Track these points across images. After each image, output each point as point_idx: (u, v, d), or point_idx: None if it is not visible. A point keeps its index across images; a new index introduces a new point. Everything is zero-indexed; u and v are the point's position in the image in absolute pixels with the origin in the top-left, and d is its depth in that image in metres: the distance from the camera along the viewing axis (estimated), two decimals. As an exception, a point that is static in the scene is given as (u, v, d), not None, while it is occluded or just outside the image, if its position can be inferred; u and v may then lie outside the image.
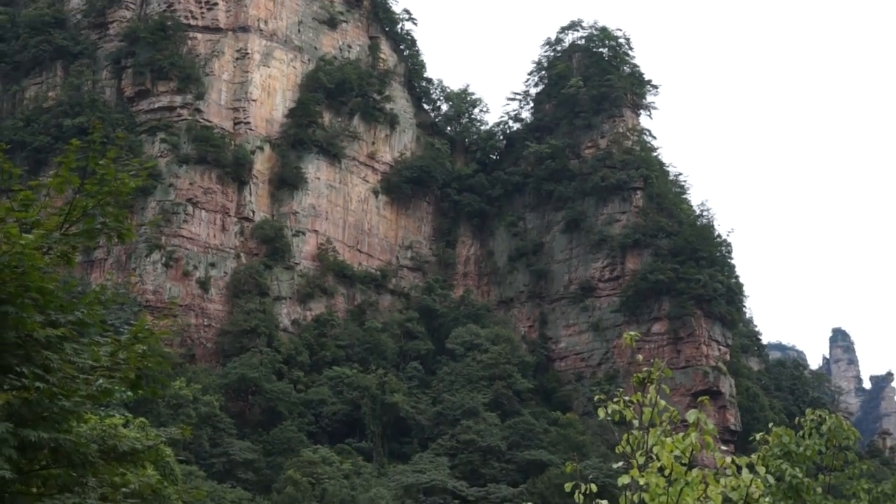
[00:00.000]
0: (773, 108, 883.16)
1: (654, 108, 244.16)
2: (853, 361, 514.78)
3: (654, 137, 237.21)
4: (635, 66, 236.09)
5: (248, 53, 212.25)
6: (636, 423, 16.19)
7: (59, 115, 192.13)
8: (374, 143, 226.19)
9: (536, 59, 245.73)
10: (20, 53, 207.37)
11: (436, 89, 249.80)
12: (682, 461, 15.96)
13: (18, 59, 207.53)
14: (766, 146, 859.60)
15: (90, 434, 17.33)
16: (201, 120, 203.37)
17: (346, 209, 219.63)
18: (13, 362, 15.69)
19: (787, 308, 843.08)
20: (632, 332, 17.30)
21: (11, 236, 15.64)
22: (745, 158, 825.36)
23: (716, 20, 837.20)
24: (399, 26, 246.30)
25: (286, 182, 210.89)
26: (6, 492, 15.13)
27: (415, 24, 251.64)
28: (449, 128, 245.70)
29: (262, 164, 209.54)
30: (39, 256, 16.02)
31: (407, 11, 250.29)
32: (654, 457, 15.83)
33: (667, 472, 15.71)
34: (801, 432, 26.04)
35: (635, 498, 15.82)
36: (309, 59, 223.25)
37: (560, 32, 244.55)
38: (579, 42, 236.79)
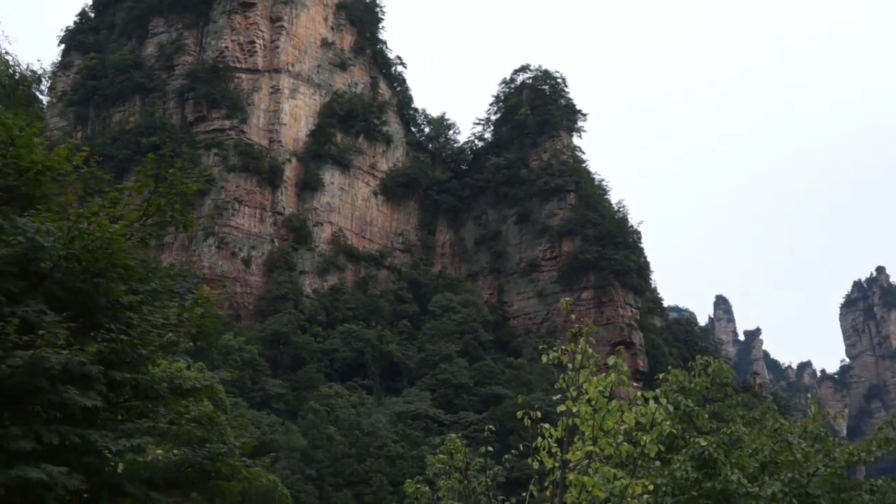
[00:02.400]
0: (673, 126, 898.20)
1: (584, 131, 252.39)
2: (731, 320, 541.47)
3: (583, 152, 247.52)
4: (569, 98, 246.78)
5: (279, 89, 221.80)
6: (570, 366, 17.84)
7: (137, 134, 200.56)
8: (374, 157, 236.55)
9: (495, 94, 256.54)
10: (108, 88, 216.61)
11: (420, 116, 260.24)
12: (605, 394, 17.54)
13: (107, 92, 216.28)
14: (669, 157, 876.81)
15: (161, 375, 17.97)
16: (244, 139, 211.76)
17: (353, 206, 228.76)
18: (104, 320, 16.66)
19: (682, 280, 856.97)
20: (567, 298, 21.06)
21: (102, 226, 16.43)
22: (652, 165, 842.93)
23: (625, 63, 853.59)
24: (393, 69, 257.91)
25: (308, 185, 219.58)
26: (98, 418, 15.93)
27: (405, 67, 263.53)
28: (430, 145, 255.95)
29: (290, 172, 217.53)
30: (124, 241, 16.86)
31: (399, 58, 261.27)
32: (584, 391, 17.45)
33: (593, 403, 17.42)
34: (692, 373, 28.02)
35: (569, 422, 17.55)
36: (325, 94, 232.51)
37: (513, 73, 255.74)
38: (527, 81, 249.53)
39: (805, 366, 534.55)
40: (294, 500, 70.75)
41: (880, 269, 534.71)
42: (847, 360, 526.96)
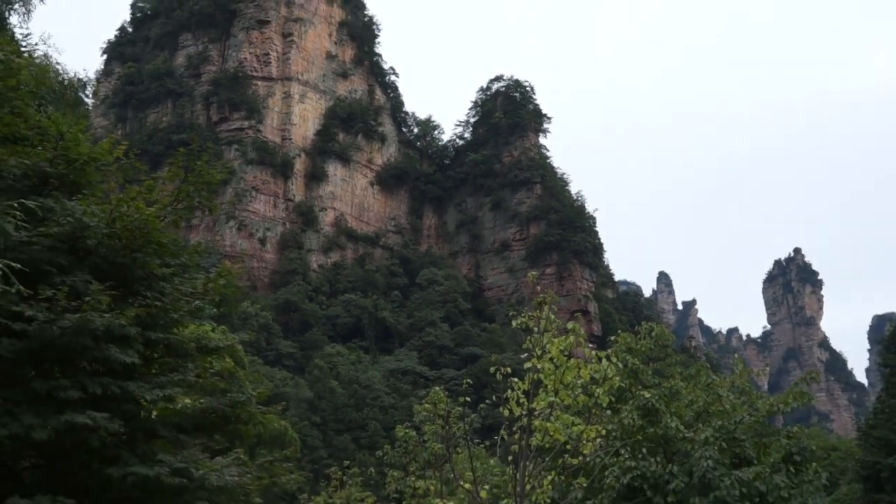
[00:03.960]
0: (627, 128, 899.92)
1: (549, 131, 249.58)
2: (671, 292, 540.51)
3: (548, 150, 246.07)
4: (536, 104, 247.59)
5: (290, 94, 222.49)
6: (535, 330, 17.76)
7: (169, 132, 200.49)
8: (370, 153, 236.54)
9: (474, 100, 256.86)
10: (144, 93, 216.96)
11: (410, 118, 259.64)
12: (564, 354, 17.49)
13: (143, 96, 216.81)
14: (622, 151, 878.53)
15: (189, 336, 17.94)
16: (261, 137, 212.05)
17: (353, 194, 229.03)
18: (141, 289, 16.66)
19: (630, 258, 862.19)
20: (533, 273, 20.86)
21: (140, 209, 16.30)
22: (607, 159, 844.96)
23: (588, 69, 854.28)
24: (387, 78, 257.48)
25: (315, 177, 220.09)
26: (135, 372, 15.79)
27: (397, 76, 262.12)
28: (418, 143, 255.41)
29: (299, 165, 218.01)
30: (158, 222, 16.77)
31: (392, 68, 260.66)
32: (547, 351, 17.41)
33: (555, 361, 17.34)
34: (638, 337, 28.38)
35: (535, 377, 17.39)
36: (329, 99, 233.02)
37: (489, 82, 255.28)
38: (501, 89, 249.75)
39: (733, 331, 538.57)
40: (301, 442, 70.67)
41: (797, 251, 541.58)
42: (768, 326, 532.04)
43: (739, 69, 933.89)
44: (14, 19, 30.95)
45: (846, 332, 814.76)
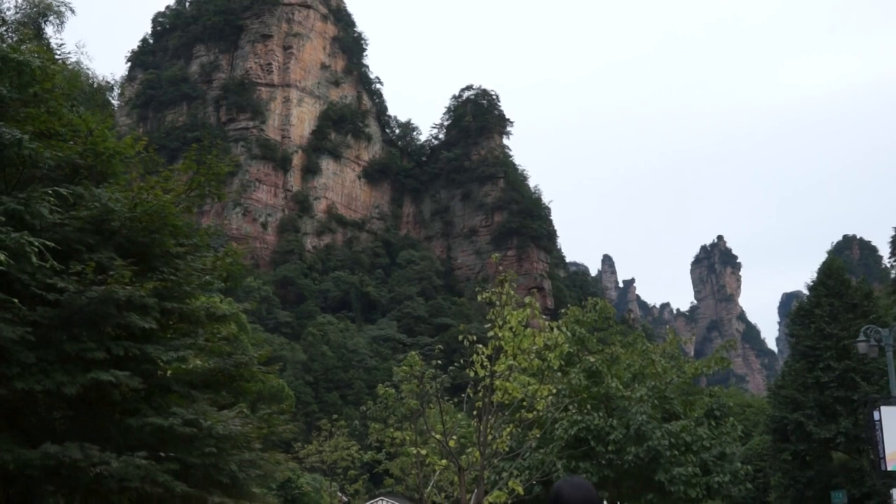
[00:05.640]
0: (580, 127, 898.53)
1: (511, 133, 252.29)
2: (614, 272, 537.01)
3: (510, 149, 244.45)
4: (501, 109, 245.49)
5: (289, 99, 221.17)
6: (498, 303, 17.57)
7: (184, 130, 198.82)
8: (358, 150, 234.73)
9: (448, 105, 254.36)
10: (163, 96, 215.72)
11: (392, 121, 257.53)
12: (522, 324, 17.38)
13: (162, 99, 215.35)
14: (575, 151, 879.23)
15: (200, 305, 17.55)
16: (263, 135, 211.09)
17: (342, 186, 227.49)
18: (158, 265, 16.35)
19: (579, 242, 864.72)
20: (496, 255, 20.51)
21: (158, 196, 16.01)
22: (561, 156, 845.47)
23: (547, 79, 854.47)
24: (373, 86, 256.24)
25: (310, 170, 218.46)
26: (153, 336, 15.61)
27: (382, 84, 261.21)
28: (399, 142, 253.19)
29: (297, 160, 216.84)
30: (173, 208, 16.42)
31: (377, 78, 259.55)
32: (507, 321, 17.26)
33: (514, 330, 17.23)
34: (585, 310, 28.45)
35: (496, 343, 17.20)
36: (323, 103, 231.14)
37: (461, 91, 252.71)
38: (471, 97, 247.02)
39: (665, 306, 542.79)
40: (296, 398, 70.61)
41: (720, 237, 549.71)
42: (695, 302, 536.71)
43: (672, 78, 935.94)
44: (49, 30, 30.48)
45: (760, 307, 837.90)
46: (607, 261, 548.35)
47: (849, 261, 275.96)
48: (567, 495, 4.93)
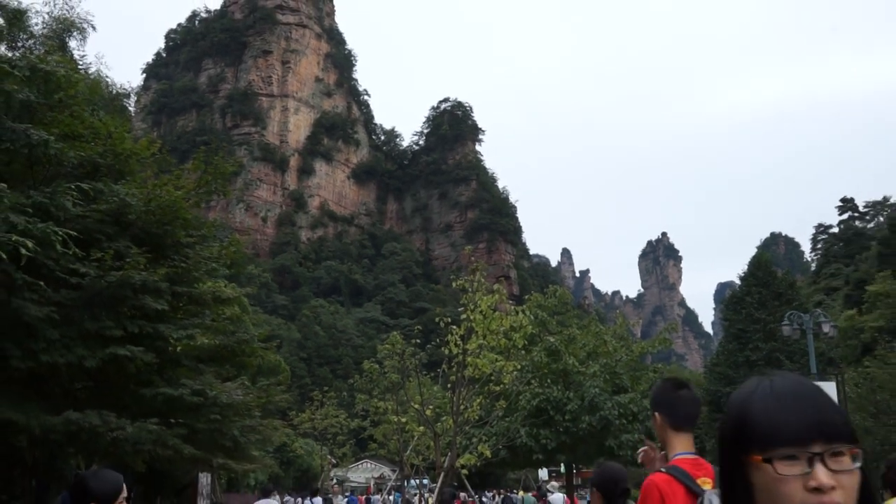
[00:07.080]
0: (540, 135, 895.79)
1: (483, 140, 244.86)
2: (571, 264, 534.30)
3: (482, 155, 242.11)
4: (474, 119, 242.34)
5: (287, 108, 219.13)
6: (470, 290, 17.40)
7: (193, 135, 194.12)
8: (348, 154, 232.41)
9: (427, 115, 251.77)
10: (174, 104, 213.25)
11: (378, 128, 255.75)
12: (491, 308, 17.30)
13: (174, 107, 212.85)
14: (538, 154, 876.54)
15: (207, 289, 17.23)
16: (264, 140, 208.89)
17: (334, 185, 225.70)
18: (170, 253, 16.20)
19: (541, 236, 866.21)
20: (469, 247, 24.97)
21: (170, 192, 15.84)
22: (527, 161, 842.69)
23: (512, 94, 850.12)
24: (361, 97, 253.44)
25: (305, 171, 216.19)
26: (165, 316, 15.39)
27: (369, 96, 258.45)
28: (384, 147, 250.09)
29: (293, 162, 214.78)
30: (184, 203, 16.30)
31: (365, 90, 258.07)
32: (478, 306, 17.13)
33: (484, 313, 17.11)
34: (546, 296, 28.47)
35: (469, 325, 17.06)
36: (317, 112, 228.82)
37: (439, 102, 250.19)
38: (448, 108, 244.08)
39: (616, 293, 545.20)
40: (291, 372, 70.05)
41: (664, 234, 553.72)
42: (642, 290, 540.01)
43: (625, 90, 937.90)
44: (73, 44, 30.18)
45: (698, 294, 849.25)
46: (566, 254, 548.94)
47: (775, 255, 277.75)
48: None
